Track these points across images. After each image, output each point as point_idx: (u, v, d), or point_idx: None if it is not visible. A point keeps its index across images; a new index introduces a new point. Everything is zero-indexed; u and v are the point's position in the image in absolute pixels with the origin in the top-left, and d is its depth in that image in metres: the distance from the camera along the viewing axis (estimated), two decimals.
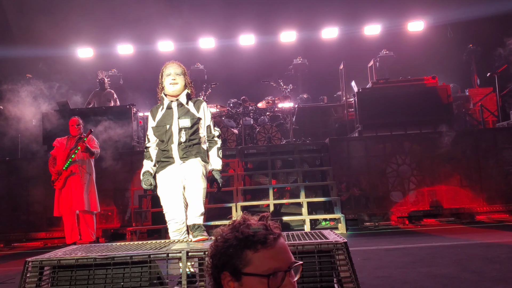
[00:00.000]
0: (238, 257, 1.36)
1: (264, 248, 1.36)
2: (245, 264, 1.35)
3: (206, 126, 4.05)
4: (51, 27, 13.51)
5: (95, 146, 7.13)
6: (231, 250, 1.37)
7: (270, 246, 1.36)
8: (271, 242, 1.37)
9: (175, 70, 4.00)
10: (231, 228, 1.43)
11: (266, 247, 1.36)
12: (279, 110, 10.74)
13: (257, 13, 13.83)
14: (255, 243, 1.36)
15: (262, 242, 1.36)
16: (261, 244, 1.36)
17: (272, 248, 1.36)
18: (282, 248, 1.39)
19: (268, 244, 1.36)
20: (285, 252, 1.40)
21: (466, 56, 13.42)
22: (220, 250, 1.40)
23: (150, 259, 2.94)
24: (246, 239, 1.37)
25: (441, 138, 8.52)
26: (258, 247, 1.36)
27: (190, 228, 3.80)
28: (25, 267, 2.94)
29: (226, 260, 1.38)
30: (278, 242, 1.39)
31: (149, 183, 3.98)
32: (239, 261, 1.36)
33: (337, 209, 7.80)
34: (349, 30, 14.45)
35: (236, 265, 1.36)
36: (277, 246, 1.38)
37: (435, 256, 4.93)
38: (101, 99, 11.16)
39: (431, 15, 14.00)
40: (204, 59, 14.51)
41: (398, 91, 9.35)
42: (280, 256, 1.37)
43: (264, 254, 1.35)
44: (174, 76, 3.97)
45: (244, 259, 1.36)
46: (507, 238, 5.93)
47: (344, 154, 8.72)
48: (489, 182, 8.35)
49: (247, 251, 1.36)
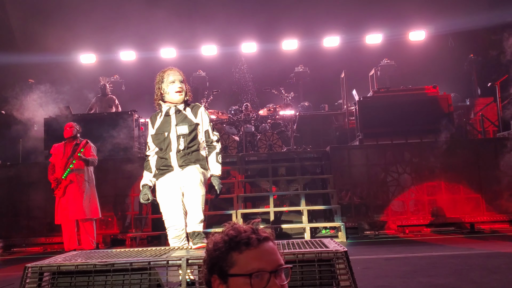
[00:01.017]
0: (224, 259, 1.39)
1: (248, 249, 1.38)
2: (231, 266, 1.38)
3: (204, 131, 4.01)
4: (54, 33, 13.58)
5: (92, 154, 7.13)
6: (218, 253, 1.41)
7: (253, 246, 1.39)
8: (254, 243, 1.39)
9: (179, 78, 3.98)
10: (221, 233, 1.46)
11: (250, 248, 1.38)
12: (280, 117, 10.76)
13: (259, 21, 13.90)
14: (238, 244, 1.39)
15: (245, 243, 1.39)
16: (245, 245, 1.38)
17: (255, 249, 1.39)
18: (268, 250, 1.41)
19: (251, 245, 1.39)
20: (271, 254, 1.41)
21: (467, 66, 13.45)
22: (210, 254, 1.44)
23: (150, 266, 2.94)
24: (230, 241, 1.40)
25: (442, 147, 8.52)
26: (242, 248, 1.38)
27: (190, 236, 3.79)
28: (25, 272, 2.95)
29: (214, 263, 1.42)
30: (264, 244, 1.41)
31: (147, 198, 3.99)
32: (225, 263, 1.39)
33: (337, 217, 7.80)
34: (351, 39, 14.50)
35: (223, 267, 1.39)
36: (262, 247, 1.40)
37: (435, 266, 4.92)
38: (103, 104, 11.19)
39: (432, 24, 14.05)
40: (206, 66, 14.56)
41: (399, 100, 9.37)
42: (265, 257, 1.39)
43: (248, 255, 1.38)
44: (180, 84, 3.94)
45: (230, 260, 1.39)
46: (507, 248, 5.92)
47: (345, 162, 8.73)
48: (489, 192, 8.33)
49: (232, 253, 1.39)
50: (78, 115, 10.30)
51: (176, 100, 3.95)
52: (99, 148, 9.42)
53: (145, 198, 3.99)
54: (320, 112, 12.97)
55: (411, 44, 14.32)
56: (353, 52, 14.26)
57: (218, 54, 14.96)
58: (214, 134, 4.03)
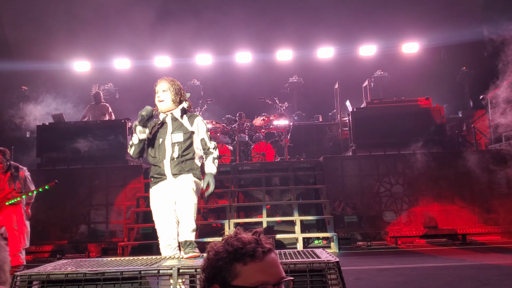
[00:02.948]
0: (227, 270, 1.37)
1: (253, 261, 1.36)
2: (234, 277, 1.36)
3: (200, 139, 4.00)
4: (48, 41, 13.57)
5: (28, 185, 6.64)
6: (221, 263, 1.38)
7: (259, 259, 1.37)
8: (259, 255, 1.37)
9: (162, 87, 4.01)
10: (223, 242, 1.43)
11: (255, 260, 1.36)
12: (274, 127, 10.79)
13: (254, 31, 13.97)
14: (244, 255, 1.36)
15: (250, 255, 1.36)
16: (250, 257, 1.36)
17: (260, 262, 1.37)
18: (272, 262, 1.40)
19: (256, 257, 1.36)
20: (274, 266, 1.40)
21: (459, 78, 13.57)
22: (211, 263, 1.41)
23: (140, 275, 2.92)
24: (235, 252, 1.37)
25: (434, 159, 8.57)
26: (247, 260, 1.36)
27: (181, 245, 3.77)
28: (13, 281, 2.91)
29: (216, 273, 1.39)
30: (268, 256, 1.39)
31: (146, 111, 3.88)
32: (228, 273, 1.37)
33: (330, 228, 7.80)
34: (345, 50, 14.61)
35: (225, 277, 1.37)
36: (267, 259, 1.38)
37: (427, 277, 4.93)
38: (96, 112, 11.17)
39: (425, 37, 14.20)
40: (200, 75, 14.59)
41: (392, 112, 9.43)
42: (269, 270, 1.38)
43: (252, 267, 1.36)
44: (160, 94, 3.98)
45: (233, 271, 1.36)
46: (498, 260, 5.93)
47: (338, 172, 8.74)
48: (481, 204, 8.38)
49: (236, 264, 1.36)
50: (71, 122, 10.27)
51: (160, 109, 4.00)
52: (92, 155, 9.41)
53: (146, 111, 3.88)
54: (314, 123, 13.01)
55: (404, 56, 14.44)
56: (347, 63, 14.35)
57: (213, 64, 15.00)
58: (212, 142, 4.03)
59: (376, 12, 14.19)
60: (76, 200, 8.78)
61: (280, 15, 14.64)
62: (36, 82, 13.69)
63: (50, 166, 9.36)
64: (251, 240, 1.40)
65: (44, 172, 9.10)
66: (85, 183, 8.87)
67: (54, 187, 6.45)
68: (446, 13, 13.46)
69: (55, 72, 14.33)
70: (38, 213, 8.68)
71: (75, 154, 9.45)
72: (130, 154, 4.04)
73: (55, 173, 9.07)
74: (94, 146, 9.36)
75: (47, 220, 8.69)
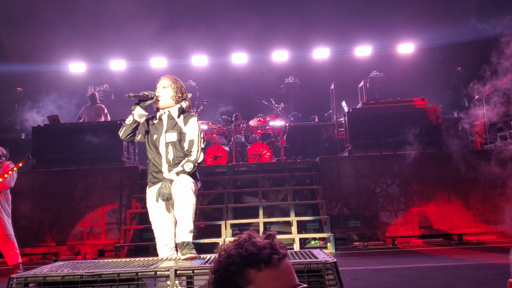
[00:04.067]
0: (240, 275, 1.32)
1: (268, 267, 1.31)
2: (247, 283, 1.31)
3: (188, 140, 3.89)
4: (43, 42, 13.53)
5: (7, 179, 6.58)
6: (233, 267, 1.32)
7: (274, 266, 1.31)
8: (275, 262, 1.32)
9: (162, 84, 4.00)
10: (235, 244, 1.38)
11: (270, 267, 1.31)
12: (270, 128, 10.79)
13: (250, 32, 13.97)
14: (258, 261, 1.31)
15: (266, 262, 1.31)
16: (265, 264, 1.31)
17: (276, 268, 1.31)
18: (287, 269, 1.34)
19: (272, 264, 1.31)
20: (289, 273, 1.35)
21: (455, 78, 13.63)
22: (223, 266, 1.35)
23: (137, 277, 2.91)
24: (249, 257, 1.31)
25: (430, 159, 8.59)
26: (261, 266, 1.31)
27: (178, 246, 3.75)
28: (10, 283, 2.89)
29: (228, 277, 1.33)
30: (283, 263, 1.34)
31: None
32: (241, 279, 1.31)
33: (327, 228, 7.80)
34: (340, 51, 14.65)
35: (238, 282, 1.32)
36: (281, 266, 1.33)
37: (423, 277, 4.94)
38: (92, 113, 11.13)
39: (420, 38, 14.26)
40: (196, 76, 14.57)
41: (388, 112, 9.45)
42: (284, 277, 1.33)
43: (267, 274, 1.30)
44: (160, 90, 3.97)
45: (247, 277, 1.31)
46: (494, 260, 5.95)
47: (334, 173, 8.75)
48: (477, 204, 8.40)
49: (250, 270, 1.31)
50: (67, 124, 10.24)
51: (158, 104, 3.98)
52: (87, 157, 9.38)
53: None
54: (310, 123, 13.03)
55: (400, 57, 14.50)
56: (342, 64, 14.39)
57: (209, 65, 15.00)
58: (199, 146, 3.88)
59: (372, 13, 14.24)
60: (72, 201, 8.75)
61: (276, 16, 14.67)
62: (31, 83, 13.65)
63: (46, 167, 9.33)
64: (266, 245, 1.34)
65: (39, 173, 9.07)
66: (80, 184, 8.84)
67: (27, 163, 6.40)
68: (441, 14, 13.53)
69: (50, 74, 14.30)
70: (33, 214, 8.67)
71: (70, 155, 9.42)
72: (119, 135, 3.95)
73: (50, 174, 9.05)
74: (89, 147, 9.33)
75: (42, 221, 8.66)
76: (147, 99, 3.86)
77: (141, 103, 3.86)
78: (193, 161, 3.81)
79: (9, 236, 6.60)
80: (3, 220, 6.54)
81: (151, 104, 3.91)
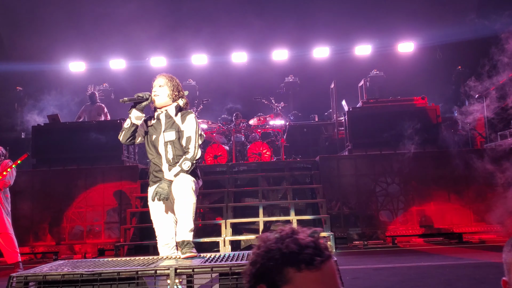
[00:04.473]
0: (278, 272, 1.23)
1: (308, 269, 1.21)
2: (285, 282, 1.23)
3: (186, 137, 3.87)
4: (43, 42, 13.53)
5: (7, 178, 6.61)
6: (272, 263, 1.24)
7: (316, 268, 1.22)
8: (317, 264, 1.22)
9: (159, 82, 3.97)
10: (276, 238, 1.29)
11: (311, 269, 1.21)
12: (270, 127, 10.79)
13: (250, 31, 13.97)
14: (299, 261, 1.22)
15: (307, 263, 1.22)
16: (306, 264, 1.21)
17: (317, 271, 1.22)
18: (330, 273, 1.24)
19: (313, 266, 1.22)
20: (332, 277, 1.25)
21: (455, 77, 13.62)
22: (261, 260, 1.27)
23: (137, 276, 2.90)
24: (290, 255, 1.23)
25: (430, 158, 8.59)
26: (301, 266, 1.21)
27: (179, 245, 3.75)
28: (9, 282, 2.89)
29: (265, 273, 1.25)
30: (326, 265, 1.24)
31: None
32: (279, 277, 1.23)
33: (327, 227, 7.80)
34: (340, 50, 14.64)
35: (275, 280, 1.24)
36: (324, 269, 1.23)
37: (423, 276, 4.93)
38: (92, 113, 11.13)
39: (421, 36, 14.25)
40: (196, 75, 14.57)
41: (388, 111, 9.44)
42: (326, 281, 1.23)
43: (307, 276, 1.21)
44: (156, 88, 3.94)
45: (285, 276, 1.22)
46: (494, 259, 5.95)
47: (334, 172, 8.75)
48: (477, 203, 8.40)
49: (289, 269, 1.22)
50: (67, 123, 10.23)
51: (155, 104, 3.95)
52: (87, 156, 9.38)
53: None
54: (310, 122, 13.02)
55: (400, 56, 14.49)
56: (342, 63, 14.38)
57: (208, 64, 14.99)
58: (196, 142, 3.86)
59: (372, 12, 14.24)
60: (72, 200, 8.75)
61: (276, 14, 14.66)
62: (31, 82, 13.65)
63: (46, 166, 9.33)
64: (309, 244, 1.25)
65: (39, 172, 9.07)
66: (80, 183, 8.84)
67: (27, 162, 6.41)
68: (441, 13, 13.53)
69: (50, 73, 14.30)
70: (33, 213, 8.67)
71: (70, 154, 9.42)
72: (119, 139, 3.95)
73: (50, 173, 9.05)
74: (89, 146, 9.33)
75: (42, 220, 8.67)
76: (142, 100, 3.84)
77: (137, 105, 3.85)
78: (190, 158, 3.80)
79: (9, 234, 6.61)
80: (3, 219, 6.55)
81: (147, 105, 3.90)
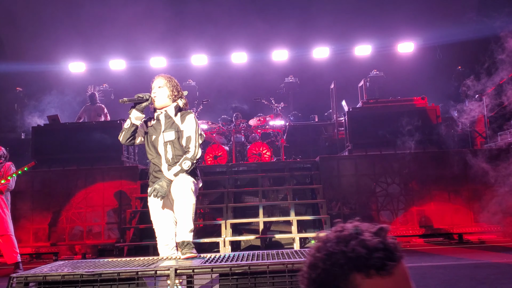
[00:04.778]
0: (343, 279, 1.09)
1: (379, 275, 1.07)
2: None
3: (186, 137, 3.88)
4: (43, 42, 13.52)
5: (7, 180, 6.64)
6: (336, 269, 1.09)
7: (388, 274, 1.07)
8: (389, 270, 1.08)
9: (158, 83, 3.97)
10: (337, 238, 1.13)
11: (382, 275, 1.07)
12: (270, 127, 10.78)
13: (250, 32, 13.97)
14: (368, 267, 1.07)
15: (377, 268, 1.07)
16: (376, 270, 1.07)
17: (389, 277, 1.07)
18: (402, 277, 1.10)
19: (385, 272, 1.07)
20: (405, 282, 1.11)
21: (455, 77, 13.61)
22: (322, 265, 1.12)
23: (138, 276, 2.90)
24: (357, 260, 1.08)
25: (430, 158, 8.58)
26: (371, 272, 1.07)
27: (179, 245, 3.75)
28: (10, 283, 2.89)
29: (328, 280, 1.11)
30: (398, 268, 1.09)
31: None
32: (344, 284, 1.09)
33: (327, 227, 7.79)
34: (340, 50, 14.64)
35: (339, 287, 1.10)
36: (396, 273, 1.09)
37: (424, 277, 4.93)
38: (92, 113, 11.13)
39: (421, 36, 14.25)
40: (196, 75, 14.57)
41: (388, 111, 9.44)
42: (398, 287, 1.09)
43: (377, 283, 1.07)
44: (155, 90, 3.95)
45: (352, 282, 1.08)
46: (495, 259, 5.95)
47: (334, 172, 8.75)
48: (477, 203, 8.39)
49: (356, 274, 1.08)
50: (67, 123, 10.23)
51: (155, 105, 3.96)
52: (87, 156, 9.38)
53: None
54: (310, 123, 13.02)
55: (400, 56, 14.49)
56: (342, 63, 14.39)
57: (208, 64, 14.99)
58: (196, 142, 3.87)
59: (372, 12, 14.23)
60: (72, 201, 8.75)
61: (276, 15, 14.66)
62: (31, 83, 13.64)
63: (46, 167, 9.32)
64: (378, 246, 1.09)
65: (39, 173, 9.06)
66: (80, 184, 8.84)
67: (34, 168, 6.61)
68: (441, 13, 13.52)
69: (50, 73, 14.29)
70: (33, 214, 8.67)
71: (70, 155, 9.42)
72: (119, 140, 3.96)
73: (50, 174, 9.05)
74: (89, 147, 9.33)
75: (42, 221, 8.66)
76: (142, 101, 3.85)
77: (137, 105, 3.85)
78: (190, 158, 3.81)
79: (10, 235, 6.62)
80: (5, 220, 6.55)
81: (147, 106, 3.90)
